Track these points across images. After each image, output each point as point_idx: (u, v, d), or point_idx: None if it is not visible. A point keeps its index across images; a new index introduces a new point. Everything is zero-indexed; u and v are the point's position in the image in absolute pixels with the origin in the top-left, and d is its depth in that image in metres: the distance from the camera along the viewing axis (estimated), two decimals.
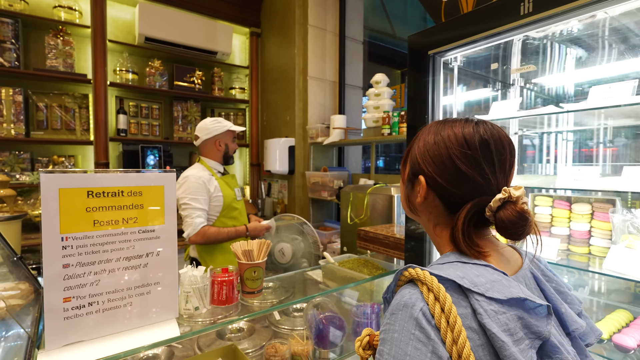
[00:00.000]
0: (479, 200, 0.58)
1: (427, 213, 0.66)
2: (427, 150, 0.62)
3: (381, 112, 2.52)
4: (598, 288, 1.45)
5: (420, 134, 0.67)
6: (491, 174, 0.58)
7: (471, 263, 0.56)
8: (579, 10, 0.93)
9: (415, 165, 0.64)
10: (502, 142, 0.59)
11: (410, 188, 0.67)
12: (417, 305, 0.51)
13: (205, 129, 1.99)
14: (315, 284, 1.52)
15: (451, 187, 0.59)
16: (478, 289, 0.51)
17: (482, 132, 0.59)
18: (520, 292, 0.52)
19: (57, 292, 0.78)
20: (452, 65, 1.36)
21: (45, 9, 2.85)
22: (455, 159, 0.58)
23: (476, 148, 0.58)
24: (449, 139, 0.60)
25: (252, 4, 3.66)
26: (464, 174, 0.58)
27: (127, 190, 0.85)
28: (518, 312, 0.51)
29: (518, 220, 0.55)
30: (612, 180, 1.07)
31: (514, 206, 0.55)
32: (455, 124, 0.62)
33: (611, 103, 0.96)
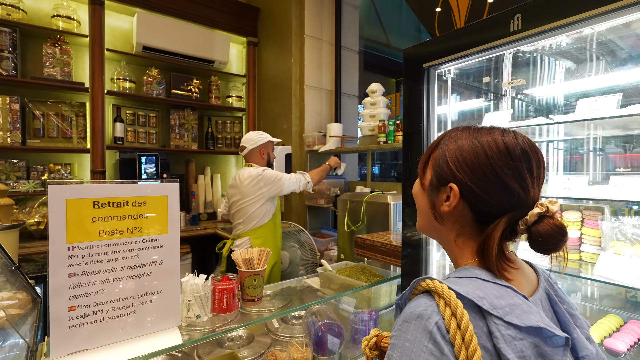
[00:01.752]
0: (516, 214, 0.56)
1: (452, 223, 0.62)
2: (463, 157, 0.58)
3: (377, 121, 2.56)
4: (590, 293, 1.49)
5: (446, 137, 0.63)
6: (530, 186, 0.57)
7: (492, 282, 0.54)
8: (565, 27, 0.97)
9: (444, 171, 0.60)
10: (538, 154, 0.58)
11: (435, 195, 0.63)
12: (433, 319, 0.51)
13: (251, 140, 2.34)
14: (313, 292, 1.54)
15: (489, 198, 0.57)
16: (497, 312, 0.50)
17: (522, 142, 0.57)
18: (539, 320, 0.51)
19: (62, 301, 0.79)
20: (446, 77, 1.41)
21: (43, 18, 2.88)
22: (498, 169, 0.55)
23: (519, 159, 0.56)
24: (489, 147, 0.57)
25: (250, 14, 3.71)
26: (506, 186, 0.55)
27: (132, 201, 0.87)
28: (535, 340, 0.50)
29: (556, 234, 0.53)
30: (600, 189, 1.11)
31: (552, 220, 0.54)
32: (493, 131, 0.59)
33: (597, 115, 1.00)
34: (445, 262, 1.50)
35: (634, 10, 0.88)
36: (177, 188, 0.95)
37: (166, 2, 3.23)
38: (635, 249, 1.05)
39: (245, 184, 2.21)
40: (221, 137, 3.85)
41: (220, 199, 3.76)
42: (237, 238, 2.32)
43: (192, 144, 3.60)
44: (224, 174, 3.98)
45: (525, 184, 0.56)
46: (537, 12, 0.99)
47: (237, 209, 2.28)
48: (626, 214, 1.27)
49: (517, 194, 0.56)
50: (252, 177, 2.21)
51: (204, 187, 3.71)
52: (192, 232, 3.18)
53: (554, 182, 1.22)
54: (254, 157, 2.36)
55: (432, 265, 1.39)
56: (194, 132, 3.62)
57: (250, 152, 2.35)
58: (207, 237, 3.32)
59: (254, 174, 2.21)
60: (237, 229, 2.33)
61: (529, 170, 0.56)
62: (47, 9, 2.89)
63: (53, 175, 2.90)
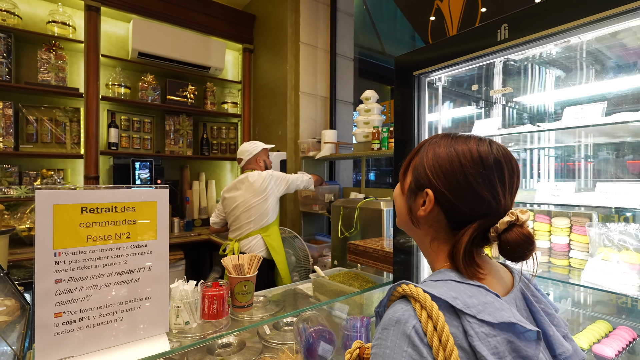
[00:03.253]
0: (486, 221, 0.58)
1: (427, 227, 0.64)
2: (439, 164, 0.60)
3: (371, 128, 2.58)
4: (580, 299, 1.50)
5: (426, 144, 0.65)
6: (502, 195, 0.58)
7: (465, 283, 0.56)
8: (551, 37, 0.99)
9: (421, 177, 0.62)
10: (512, 164, 0.60)
11: (413, 199, 0.65)
12: (410, 322, 0.51)
13: (246, 152, 2.48)
14: (305, 298, 1.53)
15: (461, 205, 0.58)
16: (470, 311, 0.51)
17: (496, 152, 0.59)
18: (511, 316, 0.52)
19: (48, 307, 0.79)
20: (437, 85, 1.43)
21: (38, 24, 2.88)
22: (471, 177, 0.57)
23: (492, 168, 0.58)
24: (464, 155, 0.59)
25: (245, 21, 3.74)
26: (477, 194, 0.57)
27: (121, 206, 0.87)
28: (508, 336, 0.52)
29: (524, 243, 0.55)
30: (587, 196, 1.12)
31: (520, 229, 0.56)
32: (469, 140, 0.61)
33: (583, 123, 1.02)
34: None
35: (616, 21, 0.90)
36: (166, 193, 0.95)
37: (162, 8, 3.25)
38: (622, 255, 1.06)
39: (257, 184, 2.35)
40: (216, 143, 3.85)
41: (214, 205, 3.74)
42: (245, 238, 2.39)
43: (187, 149, 3.60)
44: (219, 180, 3.97)
45: (496, 193, 0.58)
46: (523, 22, 1.01)
47: (245, 209, 2.38)
48: (615, 220, 1.29)
49: (487, 202, 0.57)
50: (263, 177, 2.37)
51: (199, 193, 3.70)
52: (186, 238, 3.17)
53: (542, 188, 1.23)
54: (251, 166, 2.50)
55: (424, 271, 1.39)
56: (189, 138, 3.62)
57: (247, 162, 2.50)
58: (201, 243, 3.30)
59: (264, 174, 2.38)
60: (243, 229, 2.40)
61: (500, 179, 0.58)
62: (42, 14, 2.90)
63: (46, 180, 2.88)
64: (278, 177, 2.43)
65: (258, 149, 2.49)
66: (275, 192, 2.41)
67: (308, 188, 2.63)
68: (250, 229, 2.38)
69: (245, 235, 2.38)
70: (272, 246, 2.40)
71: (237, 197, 2.42)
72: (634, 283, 1.02)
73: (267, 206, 2.38)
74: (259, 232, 2.38)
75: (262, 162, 2.52)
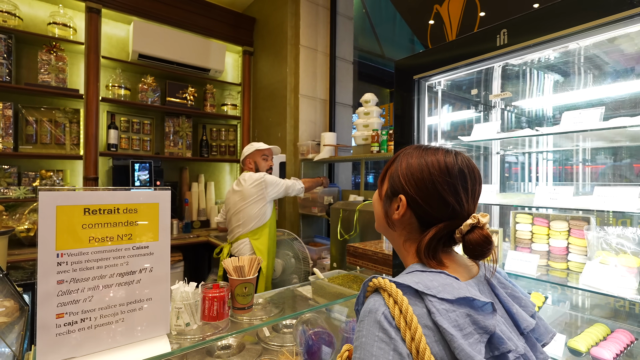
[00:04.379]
0: (451, 223, 0.65)
1: (401, 229, 0.71)
2: (411, 172, 0.67)
3: (370, 130, 2.59)
4: (579, 303, 1.50)
5: (401, 155, 0.73)
6: (465, 201, 0.66)
7: (427, 271, 0.63)
8: (549, 43, 1.00)
9: (396, 184, 0.70)
10: (474, 173, 0.68)
11: (388, 204, 0.72)
12: (380, 310, 0.57)
13: (244, 153, 2.52)
14: (305, 300, 1.53)
15: (430, 209, 0.66)
16: (431, 292, 0.57)
17: (460, 163, 0.67)
18: (467, 292, 0.58)
19: (50, 308, 0.79)
20: (436, 89, 1.44)
21: (39, 25, 2.89)
22: (438, 185, 0.65)
23: (456, 177, 0.65)
24: (432, 165, 0.66)
25: (246, 24, 3.76)
26: (443, 199, 0.64)
27: (123, 208, 0.88)
28: (466, 310, 0.57)
29: (484, 243, 0.62)
30: (585, 199, 1.13)
31: (481, 231, 0.63)
32: (438, 152, 0.68)
33: (581, 128, 1.03)
34: None
35: (614, 27, 0.91)
36: (168, 195, 0.96)
37: (163, 11, 3.26)
38: (619, 259, 1.07)
39: (247, 185, 2.33)
40: (215, 144, 3.86)
41: (213, 206, 3.75)
42: (235, 241, 2.38)
43: (186, 151, 3.60)
44: (218, 181, 3.97)
45: (460, 199, 0.65)
46: (522, 28, 1.02)
47: (236, 211, 2.37)
48: (614, 224, 1.30)
49: (452, 207, 0.65)
50: (254, 179, 2.34)
51: (198, 194, 3.70)
52: (185, 240, 3.17)
53: (541, 192, 1.24)
54: (245, 168, 2.55)
55: None
56: (189, 140, 3.62)
57: (243, 162, 2.55)
58: (199, 245, 3.30)
59: (255, 177, 2.35)
60: (234, 232, 2.40)
61: (463, 187, 0.66)
62: (43, 16, 2.91)
63: (45, 181, 2.88)
64: (270, 181, 2.37)
65: (251, 150, 2.49)
66: (265, 195, 2.35)
67: (299, 195, 2.57)
68: (240, 232, 2.37)
69: (235, 239, 2.39)
70: (260, 250, 2.37)
71: (230, 199, 2.43)
72: (632, 286, 1.03)
73: (256, 210, 2.35)
74: (248, 236, 2.36)
75: (252, 164, 2.50)
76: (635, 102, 1.24)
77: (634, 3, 0.85)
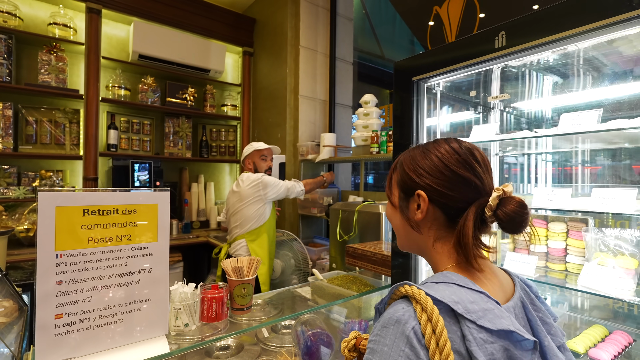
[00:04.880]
0: (480, 202, 0.61)
1: (427, 229, 0.67)
2: (418, 165, 0.65)
3: (370, 131, 2.59)
4: (577, 304, 1.51)
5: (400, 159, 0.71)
6: (482, 173, 0.63)
7: (467, 288, 0.57)
8: (548, 45, 1.01)
9: (407, 183, 0.67)
10: (479, 150, 0.66)
11: (406, 208, 0.68)
12: (410, 324, 0.53)
13: (243, 154, 2.51)
14: (304, 301, 1.54)
15: (453, 193, 0.62)
16: (470, 316, 0.52)
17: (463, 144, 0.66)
18: (510, 324, 0.53)
19: (49, 308, 0.79)
20: (436, 90, 1.44)
21: (39, 25, 2.89)
22: (452, 165, 0.62)
23: (465, 154, 0.63)
24: (439, 151, 0.64)
25: (246, 24, 3.76)
26: (462, 177, 0.62)
27: (122, 208, 0.88)
28: (505, 344, 0.52)
29: (520, 210, 0.58)
30: (583, 201, 1.14)
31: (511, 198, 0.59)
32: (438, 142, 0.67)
33: (579, 129, 1.03)
34: None
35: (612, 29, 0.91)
36: (167, 196, 0.96)
37: (163, 11, 3.27)
38: (617, 260, 1.07)
39: (244, 185, 2.32)
40: (215, 145, 3.86)
41: (213, 207, 3.75)
42: (233, 242, 2.38)
43: (186, 152, 3.61)
44: (218, 182, 3.97)
45: (477, 172, 0.62)
46: (520, 30, 1.02)
47: (234, 212, 2.37)
48: (612, 225, 1.30)
49: (474, 183, 0.62)
50: (252, 180, 2.33)
51: (197, 195, 3.70)
52: (185, 241, 3.17)
53: (539, 193, 1.25)
54: (245, 168, 2.54)
55: (422, 275, 1.40)
56: (188, 140, 3.63)
57: (242, 163, 2.56)
58: (199, 246, 3.30)
59: (253, 178, 2.34)
60: (233, 233, 2.41)
61: (475, 160, 0.63)
62: (43, 16, 2.91)
63: (44, 181, 2.88)
64: (268, 182, 2.33)
65: (250, 150, 2.47)
66: (262, 197, 2.32)
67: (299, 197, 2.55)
68: (237, 233, 2.36)
69: (234, 239, 2.39)
70: (256, 252, 2.35)
71: (229, 200, 2.44)
72: (630, 288, 1.04)
73: (253, 211, 2.33)
74: (245, 237, 2.35)
75: (251, 165, 2.48)
76: (633, 104, 1.24)
77: (632, 5, 0.86)
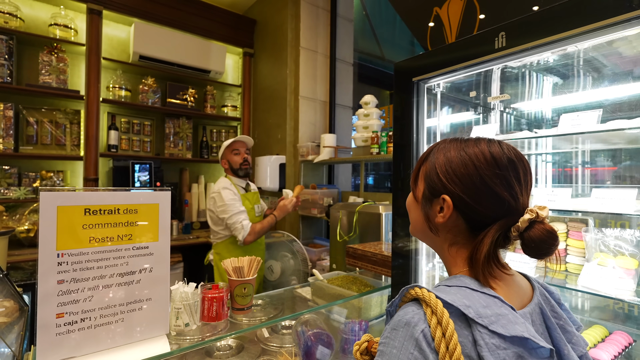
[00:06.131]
0: (507, 221, 0.57)
1: (445, 232, 0.64)
2: (452, 169, 0.60)
3: (370, 132, 2.60)
4: (578, 305, 1.51)
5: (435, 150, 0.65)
6: (519, 193, 0.58)
7: (480, 291, 0.55)
8: (548, 45, 1.01)
9: (435, 183, 0.62)
10: (524, 162, 0.60)
11: (429, 207, 0.64)
12: (419, 326, 0.52)
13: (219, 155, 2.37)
14: (304, 301, 1.54)
15: (480, 208, 0.58)
16: (482, 321, 0.51)
17: (507, 151, 0.59)
18: (525, 330, 0.51)
19: (50, 307, 0.79)
20: (435, 91, 1.45)
21: (40, 26, 2.90)
22: (487, 179, 0.57)
23: (506, 168, 0.57)
24: (477, 157, 0.58)
25: (246, 25, 3.77)
26: (496, 195, 0.57)
27: (123, 208, 0.88)
28: (519, 350, 0.51)
29: (548, 239, 0.55)
30: (583, 201, 1.14)
31: (542, 225, 0.55)
32: (479, 142, 0.61)
33: (578, 130, 1.04)
34: (435, 273, 1.52)
35: (612, 30, 0.92)
36: (168, 196, 0.96)
37: (163, 12, 3.27)
38: (617, 261, 1.07)
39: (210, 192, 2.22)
40: (216, 146, 3.87)
41: None
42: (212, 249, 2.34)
43: (186, 152, 3.61)
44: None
45: (514, 192, 0.57)
46: (520, 31, 1.03)
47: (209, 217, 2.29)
48: (612, 225, 1.31)
49: (507, 202, 0.57)
50: (213, 190, 2.21)
51: (198, 196, 3.71)
52: (185, 241, 3.17)
53: (539, 194, 1.25)
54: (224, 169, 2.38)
55: (422, 276, 1.40)
56: (189, 141, 3.63)
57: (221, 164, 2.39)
58: (199, 246, 3.30)
59: (214, 188, 2.21)
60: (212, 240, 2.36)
61: (516, 178, 0.58)
62: (44, 17, 2.92)
63: (45, 182, 2.88)
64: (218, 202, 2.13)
65: (222, 149, 2.29)
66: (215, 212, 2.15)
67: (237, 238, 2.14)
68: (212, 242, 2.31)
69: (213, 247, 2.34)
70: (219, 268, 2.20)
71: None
72: (630, 288, 1.04)
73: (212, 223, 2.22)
74: (213, 248, 2.29)
75: (226, 165, 2.31)
76: (633, 105, 1.24)
77: (632, 6, 0.86)
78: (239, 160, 2.29)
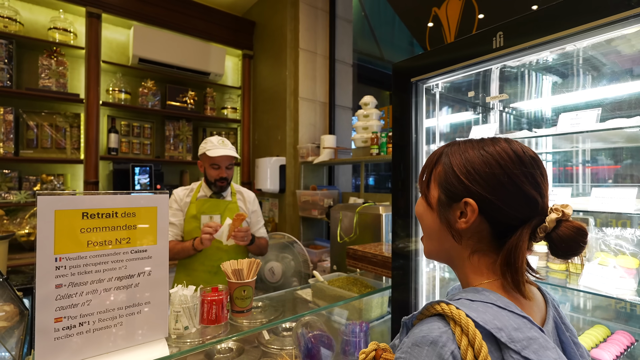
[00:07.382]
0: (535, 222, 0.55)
1: (467, 239, 0.59)
2: (475, 169, 0.56)
3: (370, 133, 2.59)
4: (579, 304, 1.50)
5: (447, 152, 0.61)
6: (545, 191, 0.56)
7: (509, 310, 0.52)
8: (547, 45, 1.01)
9: (455, 187, 0.58)
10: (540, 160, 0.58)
11: (448, 213, 0.60)
12: (448, 347, 0.49)
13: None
14: (304, 303, 1.54)
15: (509, 209, 0.54)
16: (515, 346, 0.48)
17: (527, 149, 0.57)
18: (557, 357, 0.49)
19: (48, 312, 0.79)
20: (434, 91, 1.44)
21: (40, 30, 2.91)
22: (515, 178, 0.54)
23: (532, 165, 0.55)
24: (500, 156, 0.55)
25: (245, 27, 3.78)
26: (524, 194, 0.54)
27: (121, 212, 0.88)
28: None
29: (578, 236, 0.53)
30: (583, 200, 1.13)
31: (570, 223, 0.53)
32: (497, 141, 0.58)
33: (577, 129, 1.03)
34: (435, 274, 1.51)
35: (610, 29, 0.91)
36: (166, 199, 0.96)
37: (163, 15, 3.28)
38: (618, 260, 1.07)
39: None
40: None
41: None
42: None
43: (186, 154, 3.61)
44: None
45: (542, 190, 0.55)
46: (518, 30, 1.02)
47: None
48: (613, 225, 1.30)
49: (536, 201, 0.55)
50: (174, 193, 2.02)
51: None
52: None
53: None
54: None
55: (422, 277, 1.40)
56: (189, 143, 3.63)
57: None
58: None
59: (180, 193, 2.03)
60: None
61: (541, 175, 0.56)
62: (44, 21, 2.93)
63: (45, 186, 2.89)
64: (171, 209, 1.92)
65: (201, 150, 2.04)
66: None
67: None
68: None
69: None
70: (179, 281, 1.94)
71: None
72: (631, 287, 1.03)
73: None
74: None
75: (202, 169, 2.09)
76: (632, 103, 1.24)
77: (631, 4, 0.86)
78: (214, 175, 2.02)
